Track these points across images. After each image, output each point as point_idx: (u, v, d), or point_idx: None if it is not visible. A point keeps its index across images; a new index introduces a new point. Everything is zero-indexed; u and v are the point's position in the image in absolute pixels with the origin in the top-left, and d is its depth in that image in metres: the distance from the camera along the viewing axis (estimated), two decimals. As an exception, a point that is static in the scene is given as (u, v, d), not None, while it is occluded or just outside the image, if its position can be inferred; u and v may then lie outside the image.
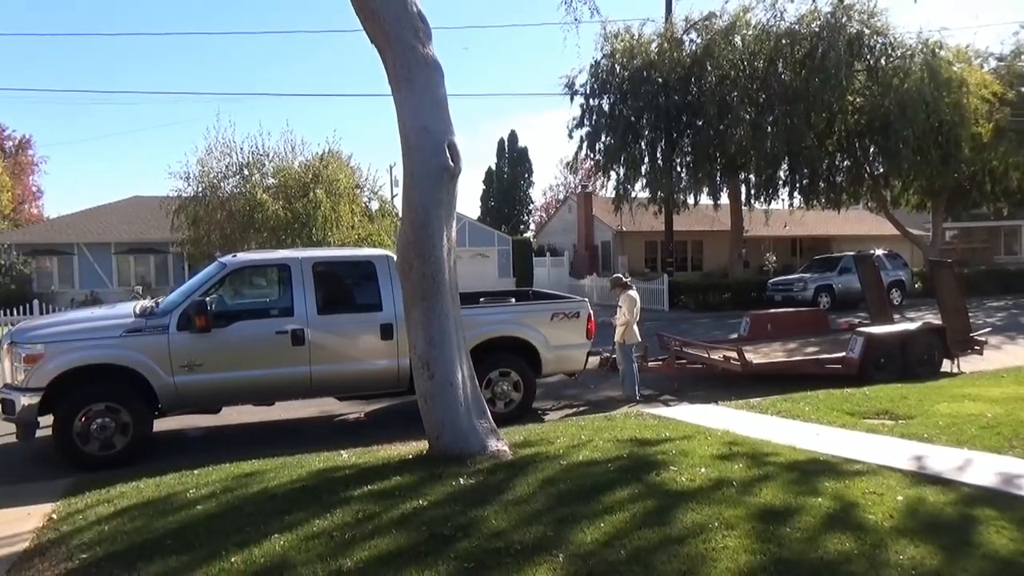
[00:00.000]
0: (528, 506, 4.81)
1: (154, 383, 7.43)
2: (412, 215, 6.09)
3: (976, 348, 11.42)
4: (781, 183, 26.45)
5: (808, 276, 23.77)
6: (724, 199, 27.13)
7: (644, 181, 26.31)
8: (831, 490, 5.04)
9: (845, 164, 26.68)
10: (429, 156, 6.08)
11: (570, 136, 27.05)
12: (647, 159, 25.84)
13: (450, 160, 6.14)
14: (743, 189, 26.94)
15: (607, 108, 25.79)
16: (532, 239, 44.51)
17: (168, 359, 7.47)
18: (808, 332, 13.20)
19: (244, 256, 8.88)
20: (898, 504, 4.76)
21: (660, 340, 12.16)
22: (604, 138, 25.90)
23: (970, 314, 12.35)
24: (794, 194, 26.79)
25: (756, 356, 11.00)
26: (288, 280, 8.20)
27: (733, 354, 10.37)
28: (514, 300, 10.12)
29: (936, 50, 23.89)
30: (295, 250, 10.64)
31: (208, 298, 7.68)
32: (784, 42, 23.49)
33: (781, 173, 25.98)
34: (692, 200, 27.13)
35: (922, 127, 22.37)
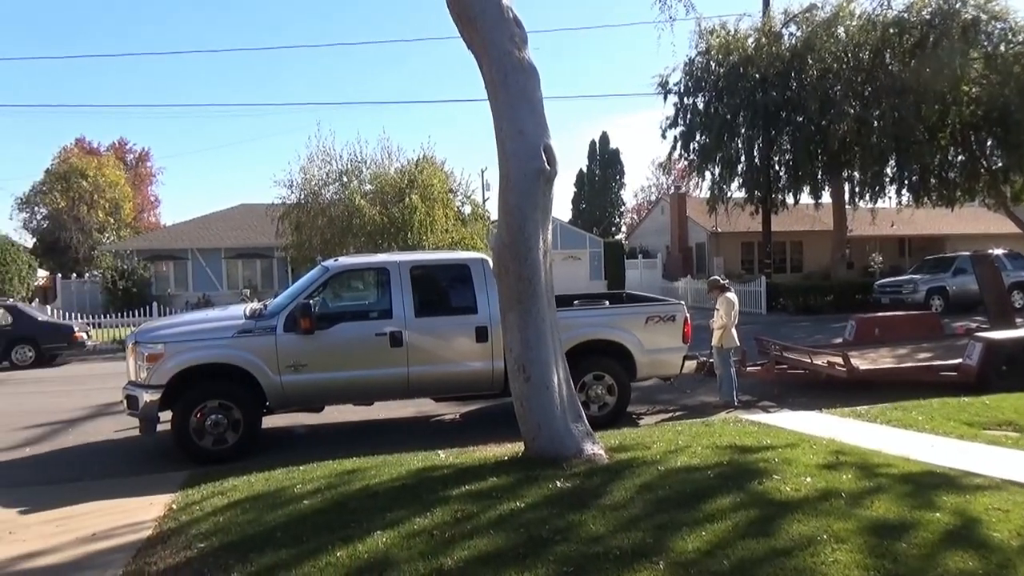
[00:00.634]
0: (626, 511, 4.76)
1: (263, 382, 7.77)
2: (508, 218, 6.13)
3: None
4: (888, 180, 25.23)
5: (919, 277, 22.56)
6: (826, 198, 26.14)
7: (740, 180, 25.71)
8: (950, 505, 4.74)
9: (959, 159, 25.12)
10: (525, 160, 6.11)
11: (663, 136, 26.75)
12: (744, 158, 25.23)
13: (546, 163, 6.15)
14: (847, 187, 25.87)
15: (702, 106, 25.32)
16: (624, 241, 44.08)
17: (275, 359, 7.79)
18: (919, 337, 12.50)
19: (345, 260, 9.17)
20: (1027, 522, 4.44)
21: (759, 344, 11.80)
22: (699, 137, 25.44)
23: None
24: (902, 191, 25.47)
25: (863, 362, 10.50)
26: (387, 283, 8.41)
27: (838, 359, 9.94)
28: (608, 303, 10.05)
29: (1062, 35, 22.20)
30: (393, 254, 10.91)
31: (312, 301, 7.97)
32: (892, 32, 22.40)
33: (888, 169, 24.79)
34: (791, 199, 26.25)
35: (1046, 117, 20.86)
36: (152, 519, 5.57)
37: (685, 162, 27.73)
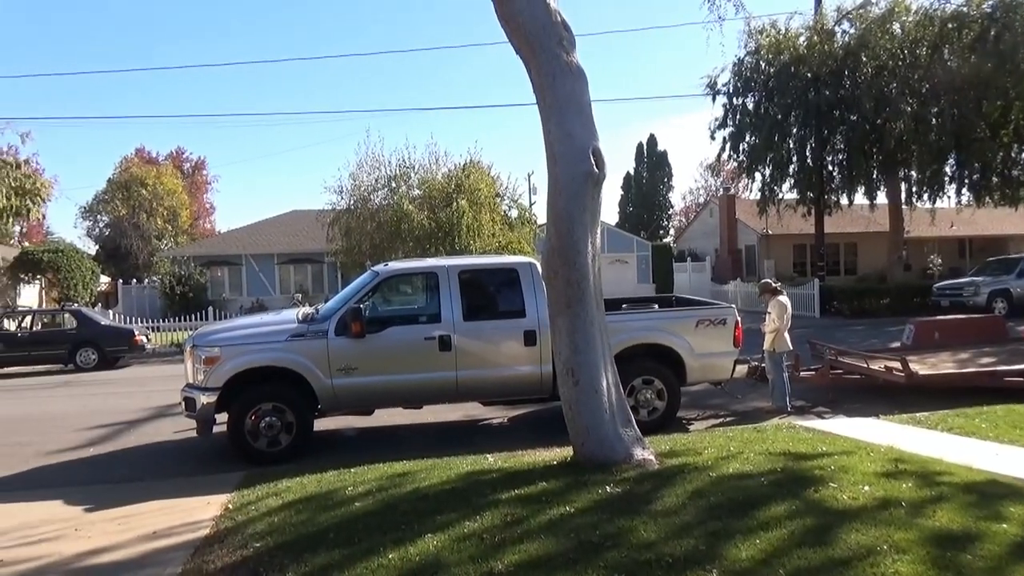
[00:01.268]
0: (678, 518, 4.70)
1: (314, 385, 7.90)
2: (557, 222, 6.13)
3: None
4: (947, 179, 24.41)
5: (981, 279, 21.78)
6: (881, 198, 25.46)
7: (792, 181, 25.24)
8: (1018, 516, 4.56)
9: (1023, 156, 24.20)
10: (574, 163, 6.10)
11: (712, 137, 26.44)
12: (795, 158, 24.76)
13: (595, 166, 6.14)
14: (903, 187, 25.13)
15: (751, 107, 24.95)
16: (672, 244, 43.61)
17: (327, 362, 7.91)
18: (982, 341, 12.05)
19: (395, 265, 9.26)
20: (1101, 535, 4.24)
21: (812, 348, 11.53)
22: (748, 138, 25.06)
23: None
24: (962, 190, 24.64)
25: (922, 367, 10.18)
26: (436, 287, 8.46)
27: (896, 364, 9.65)
28: (657, 306, 9.94)
29: None
30: (442, 258, 10.99)
31: (362, 305, 8.08)
32: (950, 26, 21.76)
33: (947, 168, 24.02)
34: (845, 200, 25.66)
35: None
36: (209, 518, 5.71)
37: (734, 163, 27.36)
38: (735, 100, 25.19)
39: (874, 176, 24.75)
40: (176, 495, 6.49)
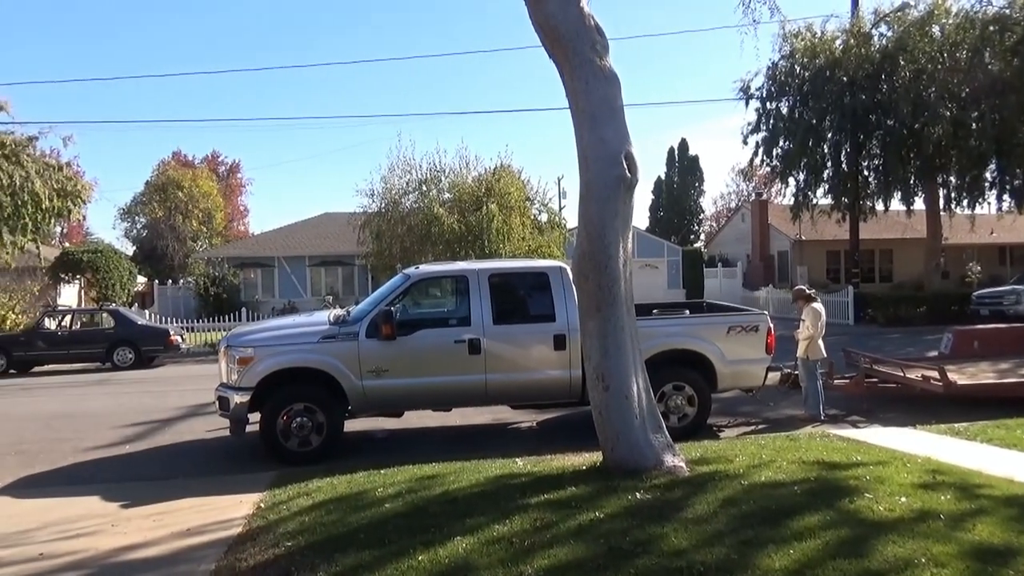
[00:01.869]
0: (709, 526, 4.65)
1: (345, 386, 7.96)
2: (588, 226, 6.11)
3: None
4: (988, 185, 23.88)
5: (1022, 288, 21.24)
6: (919, 204, 24.96)
7: (826, 187, 24.90)
8: (1062, 531, 4.44)
9: (1068, 161, 23.59)
10: (606, 167, 6.08)
11: (744, 142, 26.19)
12: (830, 163, 24.42)
13: (627, 170, 6.11)
14: (941, 192, 24.64)
15: (785, 111, 24.65)
16: (703, 249, 43.25)
17: (358, 364, 7.97)
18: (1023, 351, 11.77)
19: (426, 268, 9.31)
20: None
21: (847, 356, 11.35)
22: (782, 143, 24.77)
23: None
24: (1003, 196, 24.02)
25: (961, 376, 9.96)
26: (466, 291, 8.48)
27: (934, 373, 9.45)
28: (688, 312, 9.87)
29: None
30: (472, 262, 11.02)
31: (393, 307, 8.13)
32: (992, 29, 21.29)
33: (988, 174, 23.51)
34: (881, 206, 25.20)
35: None
36: (242, 517, 5.78)
37: (767, 168, 27.05)
38: (768, 104, 24.92)
39: (911, 181, 24.30)
40: (209, 493, 6.59)
